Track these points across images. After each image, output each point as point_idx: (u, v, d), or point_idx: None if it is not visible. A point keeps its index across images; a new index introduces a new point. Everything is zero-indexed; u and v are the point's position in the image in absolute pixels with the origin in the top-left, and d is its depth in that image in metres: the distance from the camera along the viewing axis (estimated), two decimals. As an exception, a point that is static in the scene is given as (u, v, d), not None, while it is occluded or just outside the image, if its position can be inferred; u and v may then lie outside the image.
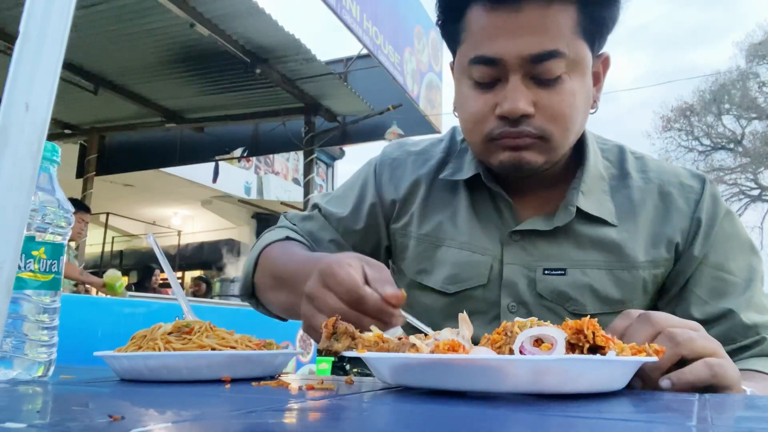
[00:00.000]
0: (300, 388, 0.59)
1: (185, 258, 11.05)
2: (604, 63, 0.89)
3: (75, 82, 5.47)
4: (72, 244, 4.96)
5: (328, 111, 6.33)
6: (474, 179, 0.95)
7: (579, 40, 0.80)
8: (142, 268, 7.24)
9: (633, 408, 0.47)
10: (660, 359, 0.55)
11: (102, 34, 4.72)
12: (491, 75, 0.81)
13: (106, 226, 10.15)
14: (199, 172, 8.52)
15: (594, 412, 0.43)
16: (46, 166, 0.73)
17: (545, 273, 0.89)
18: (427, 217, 0.98)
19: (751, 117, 19.38)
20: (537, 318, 0.87)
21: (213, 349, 0.68)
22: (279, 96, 5.93)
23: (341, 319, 0.61)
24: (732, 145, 19.85)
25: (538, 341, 0.52)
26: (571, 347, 0.53)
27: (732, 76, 19.53)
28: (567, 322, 0.54)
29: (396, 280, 1.05)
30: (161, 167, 8.02)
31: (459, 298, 0.93)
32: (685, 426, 0.38)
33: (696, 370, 0.60)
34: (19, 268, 0.68)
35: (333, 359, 3.64)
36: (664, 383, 0.58)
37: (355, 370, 4.01)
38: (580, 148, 0.93)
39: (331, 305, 0.66)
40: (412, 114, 6.46)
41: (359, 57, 6.25)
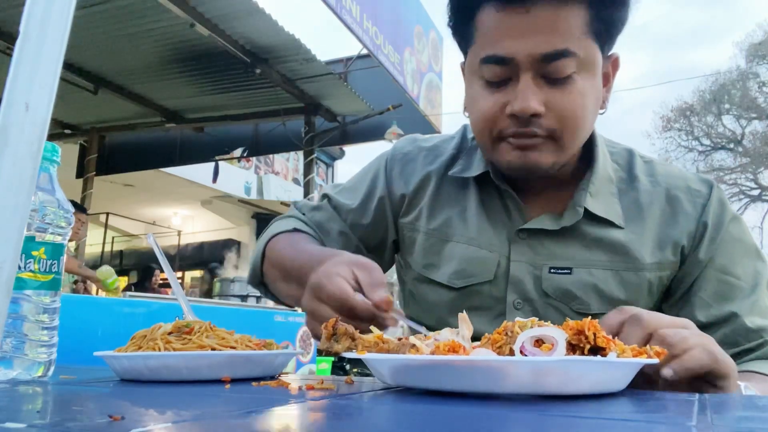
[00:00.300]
0: (300, 388, 0.59)
1: (185, 258, 11.06)
2: (613, 64, 0.90)
3: (75, 82, 5.47)
4: (71, 244, 4.96)
5: (328, 111, 6.33)
6: (483, 177, 0.96)
7: (589, 40, 0.80)
8: (142, 268, 7.24)
9: (633, 408, 0.47)
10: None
11: (102, 34, 4.72)
12: (502, 74, 0.81)
13: (106, 226, 10.15)
14: (199, 172, 8.52)
15: (594, 412, 0.43)
16: (46, 166, 0.73)
17: (551, 271, 0.90)
18: (437, 213, 0.99)
19: (751, 117, 19.38)
20: (542, 315, 0.88)
21: (213, 349, 0.68)
22: (279, 96, 5.93)
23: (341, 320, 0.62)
24: (732, 145, 19.85)
25: (538, 342, 0.52)
26: (572, 348, 0.53)
27: (732, 76, 19.53)
28: (568, 322, 0.54)
29: (403, 273, 1.06)
30: (161, 167, 8.02)
31: (465, 293, 0.94)
32: (685, 426, 0.38)
33: (695, 355, 0.60)
34: (19, 268, 0.68)
35: (333, 359, 3.64)
36: (666, 372, 0.58)
37: (355, 370, 4.01)
38: (589, 149, 0.93)
39: (327, 317, 0.68)
40: (412, 114, 6.46)
41: (359, 57, 6.25)
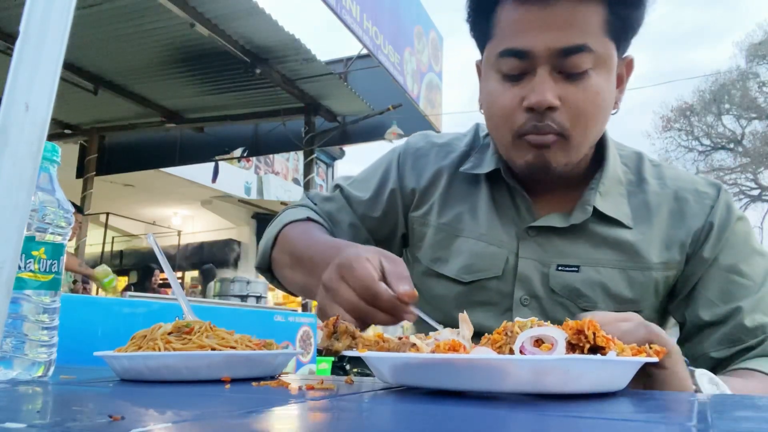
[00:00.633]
0: (300, 388, 0.59)
1: (185, 258, 11.06)
2: (627, 66, 0.90)
3: (75, 82, 5.47)
4: (71, 244, 4.97)
5: (328, 111, 6.33)
6: (494, 174, 0.97)
7: (606, 38, 0.81)
8: (142, 268, 7.23)
9: (633, 408, 0.47)
10: None
11: (102, 34, 4.72)
12: (520, 68, 0.82)
13: (106, 226, 10.15)
14: (199, 172, 8.52)
15: (594, 412, 0.43)
16: (46, 166, 0.73)
17: (559, 269, 0.90)
18: (448, 208, 1.00)
19: (751, 117, 19.38)
20: (549, 312, 0.89)
21: (213, 349, 0.68)
22: (279, 96, 5.93)
23: (350, 314, 0.62)
24: (732, 145, 19.85)
25: (538, 341, 0.52)
26: (572, 347, 0.53)
27: (732, 76, 19.54)
28: (567, 322, 0.54)
29: (410, 268, 1.06)
30: (161, 167, 8.02)
31: (473, 287, 0.94)
32: (685, 426, 0.38)
33: (630, 330, 0.59)
34: (19, 268, 0.68)
35: (333, 359, 3.64)
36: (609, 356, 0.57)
37: (355, 370, 4.02)
38: (600, 150, 0.94)
39: (347, 298, 0.68)
40: (412, 114, 6.46)
41: (359, 57, 6.25)
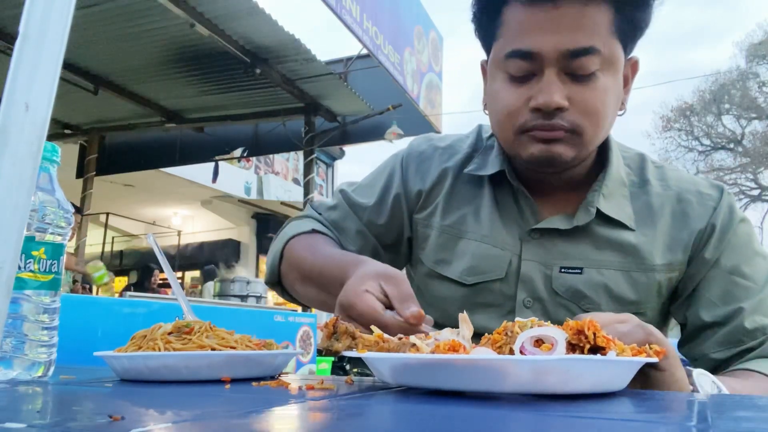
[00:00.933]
0: (300, 388, 0.59)
1: (185, 258, 11.05)
2: (633, 67, 0.90)
3: (75, 82, 5.47)
4: (70, 244, 4.97)
5: (328, 111, 6.33)
6: (498, 175, 0.97)
7: (614, 39, 0.81)
8: (141, 268, 7.24)
9: (633, 408, 0.47)
10: None
11: (102, 34, 4.72)
12: (527, 69, 0.82)
13: (106, 226, 10.15)
14: (199, 172, 8.52)
15: (594, 412, 0.43)
16: (46, 166, 0.73)
17: (562, 271, 0.90)
18: (451, 209, 1.00)
19: (751, 117, 19.38)
20: (552, 314, 0.89)
21: (213, 349, 0.68)
22: (279, 96, 5.94)
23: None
24: (732, 145, 19.85)
25: (538, 341, 0.52)
26: (572, 348, 0.53)
27: (732, 76, 19.54)
28: (568, 322, 0.54)
29: (414, 269, 1.06)
30: (161, 167, 8.02)
31: (476, 289, 0.94)
32: (685, 426, 0.38)
33: (628, 332, 0.60)
34: (19, 268, 0.68)
35: (333, 359, 3.64)
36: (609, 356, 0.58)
37: (355, 370, 4.01)
38: (603, 151, 0.94)
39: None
40: (412, 114, 6.46)
41: (359, 57, 6.25)
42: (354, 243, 1.03)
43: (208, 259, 10.70)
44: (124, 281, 10.16)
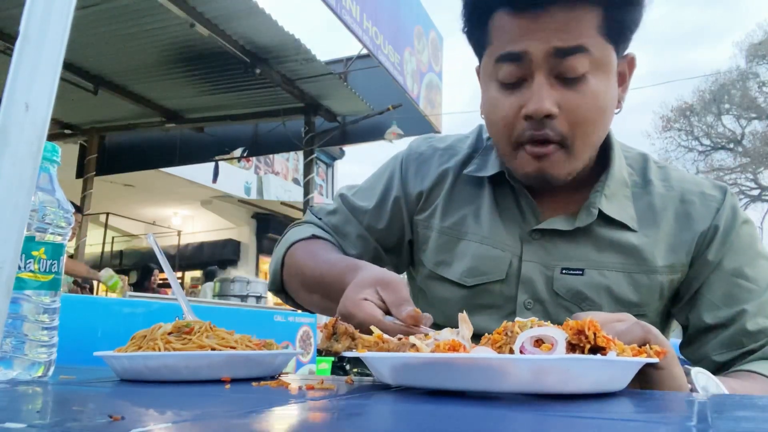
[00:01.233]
0: (300, 388, 0.59)
1: (185, 258, 11.05)
2: (629, 63, 0.90)
3: (75, 82, 5.46)
4: (70, 244, 4.99)
5: (328, 111, 6.33)
6: (498, 176, 0.96)
7: (603, 40, 0.80)
8: (141, 268, 7.24)
9: (633, 408, 0.47)
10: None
11: (102, 34, 4.72)
12: (517, 74, 0.82)
13: (106, 226, 10.15)
14: (199, 172, 8.52)
15: (594, 412, 0.43)
16: (46, 166, 0.73)
17: (563, 272, 0.90)
18: (451, 210, 0.99)
19: (751, 117, 19.39)
20: (553, 316, 0.89)
21: (213, 349, 0.68)
22: (279, 96, 5.93)
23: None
24: (732, 145, 19.86)
25: (538, 341, 0.52)
26: (572, 348, 0.53)
27: (732, 76, 19.54)
28: (568, 322, 0.54)
29: (413, 271, 1.06)
30: (161, 167, 8.02)
31: (476, 291, 0.94)
32: (685, 426, 0.38)
33: (628, 330, 0.60)
34: (19, 268, 0.68)
35: (333, 359, 3.64)
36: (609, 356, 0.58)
37: (355, 370, 4.01)
38: (605, 152, 0.94)
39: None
40: (412, 114, 6.46)
41: (359, 57, 6.24)
42: (355, 247, 1.03)
43: (208, 259, 10.71)
44: (124, 280, 10.14)
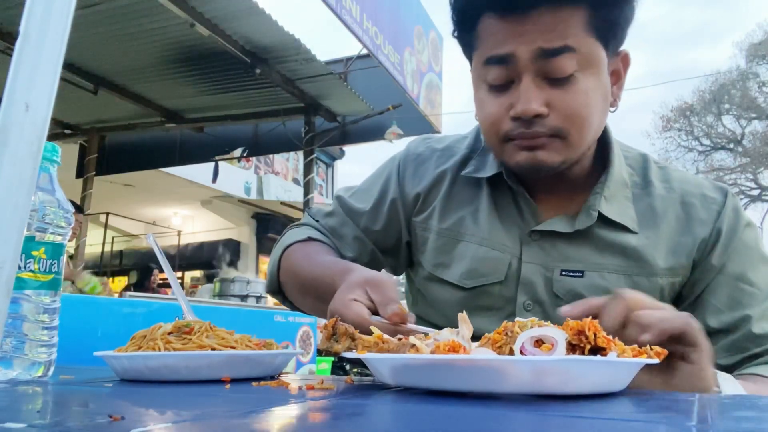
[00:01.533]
0: (300, 388, 0.59)
1: (185, 258, 11.05)
2: (623, 60, 0.89)
3: (75, 82, 5.46)
4: (70, 244, 4.97)
5: (328, 111, 6.33)
6: (496, 177, 0.96)
7: (591, 38, 0.80)
8: (141, 268, 7.24)
9: (633, 408, 0.47)
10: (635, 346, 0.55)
11: (102, 34, 4.72)
12: (504, 76, 0.82)
13: (106, 226, 10.15)
14: (199, 172, 8.51)
15: (594, 412, 0.43)
16: (46, 166, 0.73)
17: (562, 274, 0.89)
18: (449, 212, 0.99)
19: (751, 117, 19.39)
20: (552, 317, 0.88)
21: (213, 349, 0.68)
22: (279, 96, 5.93)
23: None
24: (732, 145, 19.86)
25: (538, 342, 0.52)
26: (572, 348, 0.53)
27: (732, 76, 19.55)
28: (568, 322, 0.54)
29: (412, 272, 1.07)
30: (161, 167, 8.02)
31: (476, 293, 0.93)
32: (685, 426, 0.38)
33: (667, 317, 0.61)
34: (19, 268, 0.68)
35: (333, 359, 3.64)
36: (644, 337, 0.59)
37: (355, 370, 4.01)
38: (604, 152, 0.93)
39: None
40: (412, 114, 6.46)
41: (359, 57, 6.24)
42: (352, 249, 1.03)
43: (208, 259, 10.71)
44: (123, 281, 10.16)
